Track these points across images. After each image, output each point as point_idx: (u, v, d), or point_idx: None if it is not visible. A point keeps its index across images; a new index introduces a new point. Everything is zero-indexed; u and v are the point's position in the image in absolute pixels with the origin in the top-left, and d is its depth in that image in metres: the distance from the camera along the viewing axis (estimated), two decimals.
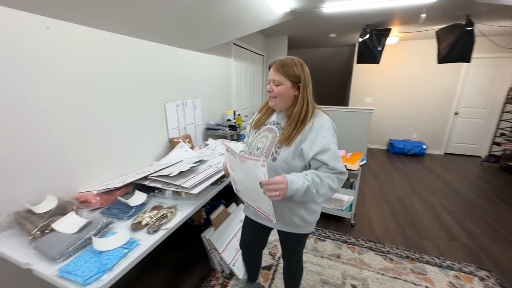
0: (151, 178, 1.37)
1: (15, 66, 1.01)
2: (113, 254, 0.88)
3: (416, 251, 1.89)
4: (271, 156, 0.92)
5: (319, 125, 0.88)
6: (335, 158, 0.86)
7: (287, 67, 0.90)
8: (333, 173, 0.86)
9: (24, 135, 1.07)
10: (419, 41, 4.31)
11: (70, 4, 1.10)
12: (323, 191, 0.84)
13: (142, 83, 1.68)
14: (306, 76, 0.92)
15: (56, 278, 0.80)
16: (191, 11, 1.66)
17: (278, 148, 0.91)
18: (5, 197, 1.03)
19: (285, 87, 0.91)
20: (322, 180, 0.84)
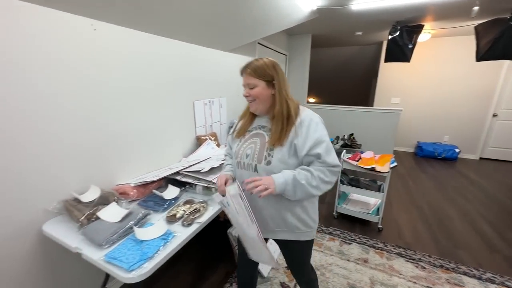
0: (183, 173, 1.41)
1: (66, 65, 1.09)
2: (153, 244, 0.92)
3: (451, 260, 1.77)
4: (265, 160, 0.88)
5: (308, 120, 0.87)
6: (328, 151, 0.85)
7: (257, 68, 0.89)
8: (323, 166, 0.85)
9: (72, 130, 1.15)
10: (453, 38, 4.04)
11: (115, 7, 1.17)
12: (315, 183, 0.84)
13: (174, 81, 1.74)
14: (280, 73, 0.90)
15: (103, 263, 0.85)
16: (223, 11, 1.69)
17: (271, 151, 0.87)
18: (56, 186, 1.12)
19: (260, 87, 0.89)
20: (311, 173, 0.84)
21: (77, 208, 1.06)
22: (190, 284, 1.55)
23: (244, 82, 0.93)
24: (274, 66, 0.90)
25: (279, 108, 0.88)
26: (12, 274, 1.03)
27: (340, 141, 3.94)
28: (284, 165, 0.87)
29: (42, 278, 1.13)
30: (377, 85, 4.76)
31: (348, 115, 4.12)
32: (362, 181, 2.35)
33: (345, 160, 2.12)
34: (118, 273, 0.82)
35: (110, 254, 0.87)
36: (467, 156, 4.39)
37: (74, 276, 1.27)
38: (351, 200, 2.41)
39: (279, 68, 0.92)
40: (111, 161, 1.36)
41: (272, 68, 0.89)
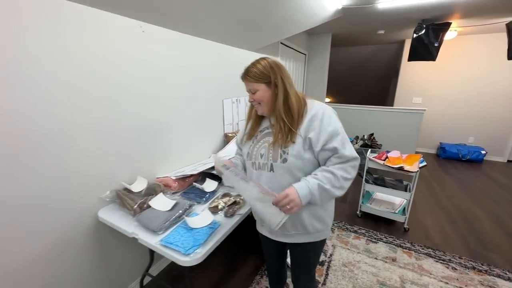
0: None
1: (116, 65, 1.17)
2: (203, 232, 0.99)
3: (484, 263, 1.74)
4: (280, 158, 0.86)
5: (321, 113, 0.84)
6: (344, 143, 0.82)
7: (253, 73, 0.88)
8: (343, 161, 0.82)
9: (121, 126, 1.24)
10: (481, 36, 3.90)
11: (162, 10, 1.25)
12: (338, 184, 0.81)
13: (206, 79, 1.82)
14: (278, 72, 0.87)
15: (160, 246, 0.92)
16: (254, 12, 1.74)
17: (285, 148, 0.85)
18: (109, 177, 1.21)
19: (261, 90, 0.88)
20: (334, 174, 0.80)
21: (129, 197, 1.15)
22: (222, 274, 1.61)
23: (246, 88, 0.92)
24: (272, 66, 0.87)
25: (279, 105, 0.86)
26: (74, 253, 1.13)
27: (360, 141, 3.91)
28: (300, 161, 0.85)
29: (96, 259, 1.23)
30: (398, 85, 4.66)
31: (368, 115, 4.07)
32: (388, 180, 2.34)
33: (371, 159, 2.12)
34: (175, 256, 0.88)
35: (165, 239, 0.94)
36: (494, 159, 4.22)
37: (121, 259, 1.37)
38: (375, 199, 2.40)
39: (278, 66, 0.88)
40: (152, 156, 1.44)
41: (270, 69, 0.87)
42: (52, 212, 1.01)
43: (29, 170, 0.91)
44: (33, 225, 0.96)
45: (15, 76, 0.84)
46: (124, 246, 1.36)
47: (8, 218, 0.89)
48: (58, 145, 0.98)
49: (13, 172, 0.87)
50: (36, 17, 0.86)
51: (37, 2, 0.86)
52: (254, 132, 0.97)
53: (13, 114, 0.85)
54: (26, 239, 0.95)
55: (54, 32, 0.92)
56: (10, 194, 0.88)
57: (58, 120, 0.97)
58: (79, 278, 1.16)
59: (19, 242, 0.93)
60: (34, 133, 0.91)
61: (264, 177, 0.90)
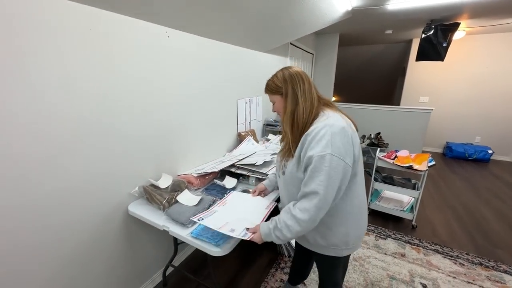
0: (237, 166, 1.55)
1: (143, 70, 1.25)
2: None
3: (491, 259, 1.79)
4: (281, 170, 0.92)
5: (315, 132, 0.77)
6: (312, 174, 0.75)
7: (269, 86, 0.92)
8: (302, 195, 0.78)
9: (147, 127, 1.32)
10: (489, 35, 3.90)
11: (185, 17, 1.32)
12: (289, 234, 0.80)
13: (221, 80, 1.88)
14: (289, 82, 0.86)
15: (191, 238, 1.00)
16: (267, 14, 1.80)
17: (286, 161, 0.88)
18: (136, 174, 1.29)
19: (278, 102, 0.91)
20: (279, 221, 0.82)
21: (157, 192, 1.23)
22: (238, 266, 1.69)
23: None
24: (285, 77, 0.87)
25: (286, 117, 0.86)
26: (107, 244, 1.22)
27: (367, 140, 3.95)
28: (293, 179, 0.86)
29: (125, 249, 1.31)
30: (405, 84, 4.68)
31: (374, 114, 4.11)
32: (396, 179, 2.39)
33: (380, 158, 2.18)
34: (206, 247, 0.96)
35: (195, 232, 1.02)
36: (501, 158, 4.23)
37: (147, 250, 1.45)
38: (384, 197, 2.45)
39: (292, 77, 0.86)
40: (173, 154, 1.52)
41: (283, 81, 0.87)
42: (90, 206, 1.10)
43: (71, 168, 1.00)
44: (73, 219, 1.04)
45: (56, 82, 0.92)
46: (150, 238, 1.45)
47: (52, 211, 0.97)
48: (94, 146, 1.06)
49: (58, 170, 0.95)
50: (76, 25, 0.94)
51: (78, 12, 0.93)
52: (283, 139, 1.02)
53: (58, 118, 0.93)
54: (68, 233, 1.03)
55: (94, 40, 0.99)
56: (55, 189, 0.96)
57: (93, 124, 1.05)
58: (110, 268, 1.25)
59: (62, 234, 1.02)
60: (76, 135, 0.99)
61: (277, 180, 1.02)
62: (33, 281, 0.95)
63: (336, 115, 0.83)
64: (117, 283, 1.30)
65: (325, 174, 0.73)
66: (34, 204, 0.91)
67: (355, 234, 0.91)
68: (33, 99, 0.85)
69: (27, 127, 0.84)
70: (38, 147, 0.88)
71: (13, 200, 0.85)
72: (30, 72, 0.83)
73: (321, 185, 0.73)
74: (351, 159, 0.77)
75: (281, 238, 0.81)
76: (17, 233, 0.88)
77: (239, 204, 1.15)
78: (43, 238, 0.95)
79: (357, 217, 0.90)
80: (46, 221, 0.95)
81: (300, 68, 0.96)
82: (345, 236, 0.89)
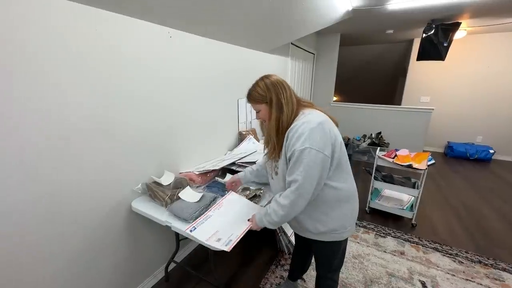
0: (238, 164, 1.57)
1: (149, 69, 1.28)
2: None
3: (490, 257, 1.80)
4: (274, 171, 1.00)
5: (295, 129, 0.85)
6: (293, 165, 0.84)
7: (253, 95, 0.94)
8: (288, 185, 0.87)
9: (150, 124, 1.35)
10: (490, 35, 3.89)
11: (187, 17, 1.35)
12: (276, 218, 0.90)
13: (223, 80, 1.91)
14: (273, 90, 0.90)
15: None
16: (266, 14, 1.82)
17: (277, 162, 0.96)
18: (139, 171, 1.32)
19: (263, 110, 0.94)
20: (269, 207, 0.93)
21: (160, 189, 1.26)
22: (239, 263, 1.71)
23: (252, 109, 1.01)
24: (268, 86, 0.91)
25: (271, 124, 0.91)
26: (111, 240, 1.25)
27: (368, 140, 3.97)
28: (283, 178, 0.92)
29: (128, 245, 1.34)
30: (406, 84, 4.68)
31: (375, 114, 4.12)
32: (396, 178, 2.41)
33: (380, 157, 2.19)
34: (208, 243, 0.98)
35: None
36: (503, 158, 4.22)
37: (149, 246, 1.48)
38: (384, 196, 2.47)
39: (274, 85, 0.91)
40: (175, 152, 1.55)
41: (266, 90, 0.91)
42: (95, 202, 1.13)
43: (77, 165, 1.03)
44: (78, 215, 1.07)
45: (63, 82, 0.95)
46: (153, 234, 1.48)
47: (58, 208, 1.00)
48: (99, 144, 1.09)
49: (63, 167, 0.98)
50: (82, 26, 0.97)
51: (84, 13, 0.97)
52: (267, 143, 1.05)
53: (64, 116, 0.96)
54: (73, 229, 1.06)
55: (98, 40, 1.02)
56: (61, 186, 0.99)
57: (98, 123, 1.08)
58: (113, 263, 1.28)
59: (67, 230, 1.05)
60: (81, 134, 1.02)
61: (270, 182, 1.08)
62: (38, 276, 0.98)
63: (314, 112, 0.90)
64: (120, 278, 1.33)
65: (304, 165, 0.81)
66: (39, 201, 0.94)
67: (351, 215, 0.99)
68: (40, 98, 0.88)
69: (34, 125, 0.87)
70: (43, 144, 0.91)
71: (19, 197, 0.88)
72: (38, 72, 0.86)
73: (300, 175, 0.82)
74: (330, 150, 0.84)
75: (271, 222, 0.93)
76: (23, 228, 0.91)
77: (234, 207, 1.15)
78: (48, 234, 0.98)
79: (349, 200, 0.97)
80: (51, 217, 0.98)
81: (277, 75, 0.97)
82: (342, 219, 0.97)
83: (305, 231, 1.03)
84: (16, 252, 0.90)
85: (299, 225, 1.04)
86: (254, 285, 1.55)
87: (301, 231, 1.06)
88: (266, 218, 0.94)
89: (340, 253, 1.09)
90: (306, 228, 1.00)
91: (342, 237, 1.00)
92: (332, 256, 1.08)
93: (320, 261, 1.15)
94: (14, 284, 0.91)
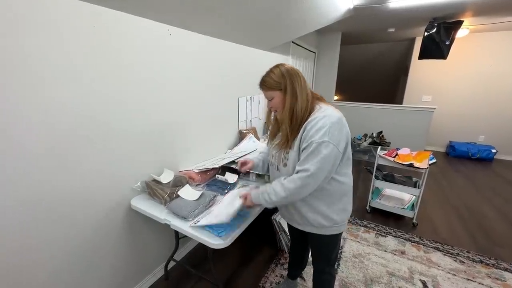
0: (238, 162, 1.57)
1: (146, 68, 1.27)
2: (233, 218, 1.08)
3: (491, 257, 1.79)
4: (282, 162, 0.96)
5: (315, 121, 0.85)
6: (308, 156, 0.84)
7: (267, 81, 0.93)
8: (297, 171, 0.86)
9: (149, 123, 1.34)
10: (493, 33, 3.86)
11: (187, 15, 1.34)
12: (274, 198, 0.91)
13: (223, 78, 1.90)
14: (288, 77, 0.90)
15: (193, 230, 1.02)
16: (267, 13, 1.81)
17: (287, 154, 0.93)
18: (138, 169, 1.32)
19: (277, 97, 0.93)
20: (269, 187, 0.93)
21: (159, 187, 1.25)
22: (239, 261, 1.71)
23: (264, 96, 0.99)
24: (283, 73, 0.91)
25: (285, 111, 0.90)
26: (110, 238, 1.24)
27: (369, 139, 3.95)
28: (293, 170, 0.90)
29: (128, 244, 1.34)
30: (408, 83, 4.65)
31: (377, 113, 4.10)
32: (397, 177, 2.39)
33: (381, 156, 2.18)
34: (207, 239, 0.98)
35: (200, 222, 1.04)
36: (505, 157, 4.19)
37: (149, 244, 1.48)
38: (385, 195, 2.46)
39: (290, 73, 0.91)
40: (175, 150, 1.55)
41: (282, 77, 0.90)
42: (93, 201, 1.12)
43: (75, 165, 1.02)
44: (77, 214, 1.07)
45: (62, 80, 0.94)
46: (152, 232, 1.47)
47: (57, 208, 1.00)
48: (99, 142, 1.09)
49: (62, 165, 0.98)
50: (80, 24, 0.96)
51: (82, 10, 0.96)
52: (273, 135, 1.07)
53: (63, 115, 0.95)
54: (72, 228, 1.06)
55: (97, 38, 1.02)
56: (59, 186, 0.99)
57: (98, 121, 1.08)
58: (113, 261, 1.28)
59: (66, 230, 1.04)
60: (80, 133, 1.02)
61: (274, 174, 1.04)
62: (37, 276, 0.98)
63: (330, 107, 0.92)
64: (120, 276, 1.33)
65: (320, 158, 0.82)
66: (40, 200, 0.93)
67: (349, 209, 1.03)
68: (38, 97, 0.87)
69: (33, 125, 0.87)
70: (43, 143, 0.91)
71: (19, 197, 0.87)
72: (37, 71, 0.85)
73: (314, 165, 0.83)
74: (344, 145, 0.87)
75: (268, 200, 0.93)
76: (23, 228, 0.90)
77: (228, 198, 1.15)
78: (48, 233, 0.98)
79: (348, 193, 1.00)
80: (51, 216, 0.98)
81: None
82: (342, 212, 1.00)
83: (306, 225, 1.03)
84: (14, 254, 0.90)
85: (300, 219, 1.03)
86: (254, 283, 1.55)
87: (302, 225, 1.05)
88: (263, 196, 0.94)
89: (338, 246, 1.12)
90: (308, 222, 1.00)
91: (340, 230, 1.03)
92: (332, 249, 1.10)
93: (318, 255, 1.15)
94: (12, 286, 0.91)
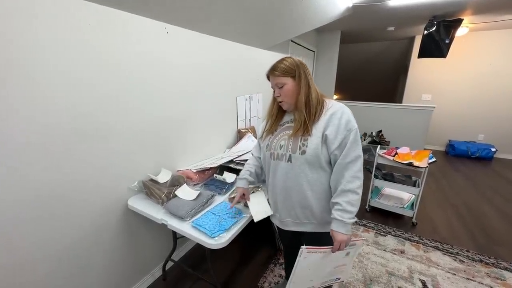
0: (236, 162, 1.56)
1: (142, 66, 1.25)
2: (228, 219, 1.07)
3: (491, 256, 1.78)
4: (299, 150, 0.91)
5: (340, 112, 0.89)
6: (351, 145, 0.87)
7: (281, 67, 0.93)
8: (349, 161, 0.87)
9: (146, 123, 1.33)
10: (493, 32, 3.85)
11: (185, 12, 1.32)
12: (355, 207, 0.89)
13: (221, 77, 1.89)
14: (302, 68, 0.93)
15: (189, 229, 1.02)
16: (265, 11, 1.80)
17: (305, 141, 0.90)
18: (136, 169, 1.30)
19: (289, 84, 0.93)
20: (341, 206, 0.87)
21: (156, 187, 1.24)
22: (238, 260, 1.70)
23: (272, 84, 0.97)
24: (297, 62, 0.94)
25: (301, 97, 0.91)
26: (107, 238, 1.23)
27: (368, 138, 3.94)
28: (317, 157, 0.89)
29: (125, 244, 1.33)
30: (407, 82, 4.64)
31: (376, 112, 4.09)
32: (397, 176, 2.38)
33: (380, 155, 2.17)
34: (203, 239, 0.97)
35: (195, 221, 1.04)
36: (504, 156, 4.19)
37: (146, 245, 1.47)
38: (384, 194, 2.45)
39: (302, 63, 0.95)
40: (173, 150, 1.53)
41: (295, 65, 0.93)
42: (89, 201, 1.11)
43: (70, 164, 1.01)
44: (72, 214, 1.06)
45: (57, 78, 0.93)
46: (150, 233, 1.46)
47: (50, 207, 0.99)
48: (95, 141, 1.08)
49: (58, 164, 0.97)
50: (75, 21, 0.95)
51: (77, 7, 0.95)
52: (275, 127, 1.03)
53: (59, 113, 0.94)
54: (66, 228, 1.05)
55: (93, 35, 1.00)
56: (54, 185, 0.98)
57: (94, 119, 1.06)
58: (110, 262, 1.27)
59: (60, 230, 1.03)
60: (75, 131, 1.00)
61: (280, 167, 0.96)
62: (31, 276, 0.97)
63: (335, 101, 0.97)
64: (117, 276, 1.32)
65: (360, 143, 0.90)
66: (35, 199, 0.92)
67: None
68: (34, 95, 0.86)
69: (28, 123, 0.86)
70: (38, 142, 0.90)
71: (13, 195, 0.86)
72: (31, 69, 0.84)
73: (361, 150, 0.89)
74: None
75: (352, 217, 0.88)
76: (17, 228, 0.89)
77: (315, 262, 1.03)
78: (43, 232, 0.97)
79: None
80: (46, 215, 0.97)
81: None
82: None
83: (308, 224, 1.00)
84: (7, 254, 0.89)
85: (305, 217, 0.99)
86: (253, 283, 1.54)
87: (303, 225, 1.01)
88: (347, 216, 0.87)
89: None
90: (314, 219, 0.98)
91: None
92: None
93: None
94: (5, 285, 0.90)
